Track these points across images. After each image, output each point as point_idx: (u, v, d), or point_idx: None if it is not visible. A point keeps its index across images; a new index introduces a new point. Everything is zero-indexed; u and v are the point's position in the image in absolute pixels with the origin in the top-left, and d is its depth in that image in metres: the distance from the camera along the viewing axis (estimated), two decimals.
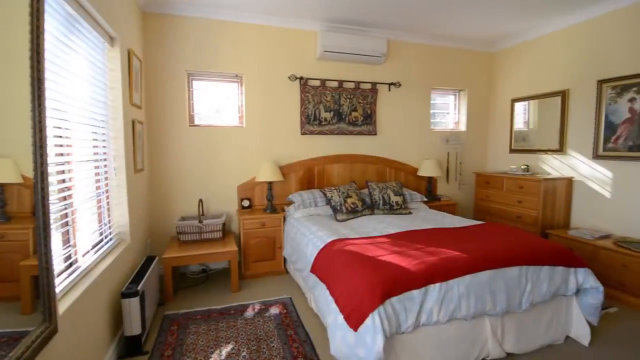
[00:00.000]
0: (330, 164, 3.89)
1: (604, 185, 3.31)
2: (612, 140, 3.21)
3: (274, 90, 3.65)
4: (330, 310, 1.87)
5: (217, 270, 3.51)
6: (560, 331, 2.21)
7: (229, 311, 2.63)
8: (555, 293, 2.13)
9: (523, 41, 4.12)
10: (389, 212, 3.42)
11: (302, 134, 3.77)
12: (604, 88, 3.27)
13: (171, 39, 3.27)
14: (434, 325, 1.85)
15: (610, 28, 3.21)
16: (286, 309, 2.66)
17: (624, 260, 2.77)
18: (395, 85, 4.11)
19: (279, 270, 3.38)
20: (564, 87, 3.66)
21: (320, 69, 3.80)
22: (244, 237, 3.23)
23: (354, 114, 3.95)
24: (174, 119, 3.34)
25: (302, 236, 2.82)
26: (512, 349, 2.05)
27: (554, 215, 3.55)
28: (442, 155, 4.49)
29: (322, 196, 3.44)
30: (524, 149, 4.16)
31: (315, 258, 2.36)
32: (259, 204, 3.63)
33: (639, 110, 3.00)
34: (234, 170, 3.57)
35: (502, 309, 1.97)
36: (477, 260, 1.98)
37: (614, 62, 3.19)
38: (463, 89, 4.56)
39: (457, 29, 3.90)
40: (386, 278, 1.77)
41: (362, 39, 3.72)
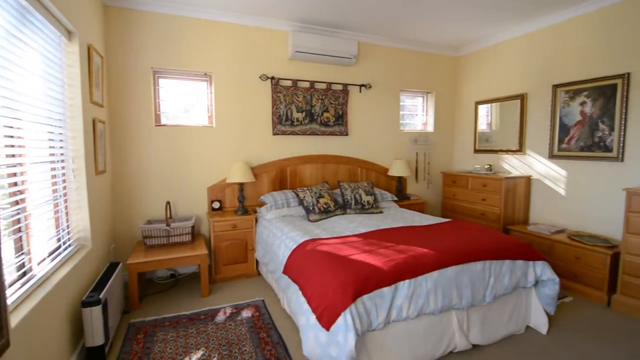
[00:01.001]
0: (302, 165, 3.89)
1: (558, 183, 3.55)
2: (566, 141, 3.44)
3: (244, 89, 3.60)
4: (302, 311, 1.87)
5: (186, 274, 3.41)
6: (521, 321, 2.34)
7: (199, 316, 2.56)
8: (516, 285, 2.25)
9: (485, 46, 4.32)
10: (361, 212, 3.47)
11: (274, 134, 3.74)
12: (558, 92, 3.50)
13: (135, 34, 3.14)
14: (403, 321, 1.90)
15: (564, 36, 3.44)
16: (259, 311, 2.63)
17: (577, 253, 2.98)
18: (366, 86, 4.18)
19: (251, 273, 3.33)
20: (522, 90, 3.88)
21: (292, 69, 3.79)
22: (214, 239, 3.15)
23: (325, 115, 3.97)
24: (139, 118, 3.21)
25: (275, 237, 2.80)
26: (478, 340, 2.15)
27: (514, 211, 3.75)
28: (411, 156, 4.62)
29: (294, 197, 3.43)
30: (487, 150, 4.36)
31: (288, 259, 2.35)
32: (230, 205, 3.57)
33: (589, 113, 3.23)
34: (204, 172, 3.48)
35: (468, 303, 2.05)
36: (444, 256, 2.05)
37: (567, 68, 3.42)
38: (430, 92, 4.71)
39: (424, 33, 4.02)
40: (357, 277, 1.79)
41: (334, 40, 3.75)
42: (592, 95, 3.20)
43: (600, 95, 3.14)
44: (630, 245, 2.60)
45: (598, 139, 3.17)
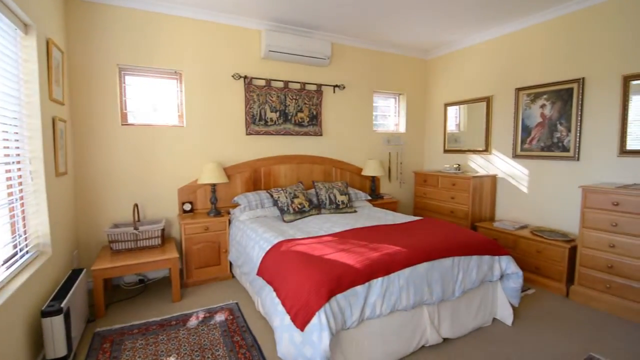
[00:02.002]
0: (277, 165, 3.86)
1: (521, 182, 3.74)
2: (528, 141, 3.63)
3: (216, 88, 3.52)
4: (277, 312, 1.86)
5: (156, 279, 3.29)
6: (488, 314, 2.44)
7: (169, 322, 2.48)
8: (483, 280, 2.35)
9: (454, 50, 4.48)
10: (335, 211, 3.49)
11: (247, 134, 3.69)
12: (520, 95, 3.68)
13: (100, 29, 2.99)
14: (377, 318, 1.93)
15: (526, 42, 3.63)
16: (232, 314, 2.58)
17: (539, 247, 3.15)
18: (339, 87, 4.21)
19: (224, 276, 3.27)
20: (488, 93, 4.05)
21: (266, 69, 3.76)
22: (185, 242, 3.07)
23: (300, 115, 3.97)
24: (103, 117, 3.06)
25: (249, 239, 2.76)
26: (448, 334, 2.22)
27: (481, 209, 3.91)
28: (385, 156, 4.70)
29: (268, 197, 3.40)
30: (456, 150, 4.52)
31: (262, 260, 2.33)
32: (202, 207, 3.48)
33: (548, 116, 3.43)
34: (174, 173, 3.38)
35: (438, 298, 2.12)
36: (416, 253, 2.11)
37: (529, 72, 3.61)
38: (402, 93, 4.82)
39: (396, 36, 4.11)
40: (331, 276, 1.80)
41: (307, 40, 3.75)
42: (551, 99, 3.39)
43: (559, 99, 3.33)
44: (586, 239, 2.78)
45: (557, 139, 3.37)
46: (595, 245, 2.72)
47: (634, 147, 2.83)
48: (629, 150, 2.85)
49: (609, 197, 2.63)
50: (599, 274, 2.71)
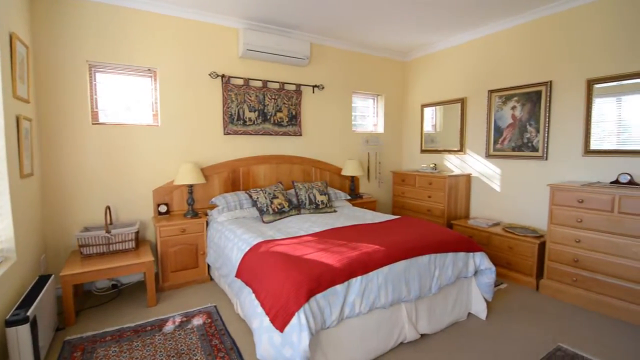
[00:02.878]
0: (256, 165, 3.82)
1: (494, 180, 3.87)
2: (500, 141, 3.77)
3: (193, 87, 3.45)
4: (256, 314, 1.84)
5: (130, 284, 3.19)
6: (463, 309, 2.51)
7: (144, 328, 2.41)
8: (458, 276, 2.41)
9: (431, 53, 4.58)
10: (315, 211, 3.50)
11: (225, 134, 3.63)
12: (493, 97, 3.82)
13: (69, 24, 2.86)
14: (356, 317, 1.95)
15: (498, 46, 3.76)
16: (211, 318, 2.54)
17: (510, 243, 3.27)
18: (319, 87, 4.22)
19: (202, 278, 3.20)
20: (463, 95, 4.17)
21: (244, 68, 3.71)
22: (161, 245, 2.98)
23: (279, 115, 3.94)
24: (72, 115, 2.93)
25: (227, 240, 2.72)
26: (425, 330, 2.27)
27: (457, 207, 4.03)
28: (364, 156, 4.75)
29: (247, 198, 3.36)
30: (433, 150, 4.63)
31: (241, 262, 2.30)
32: (179, 208, 3.40)
33: (519, 117, 3.57)
34: (149, 173, 3.28)
35: (416, 295, 2.16)
36: (394, 252, 2.14)
37: (501, 75, 3.75)
38: (380, 94, 4.89)
39: (375, 38, 4.16)
40: (311, 276, 1.81)
41: (286, 40, 3.74)
42: (522, 100, 3.54)
43: (528, 101, 3.48)
44: (554, 235, 2.92)
45: (527, 139, 3.51)
46: (562, 240, 2.86)
47: (597, 147, 2.99)
48: (592, 150, 3.02)
49: (574, 194, 2.77)
50: (566, 268, 2.85)
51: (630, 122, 2.79)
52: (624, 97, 2.82)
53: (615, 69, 2.85)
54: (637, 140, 2.76)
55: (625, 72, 2.79)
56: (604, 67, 2.92)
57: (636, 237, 2.45)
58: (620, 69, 2.82)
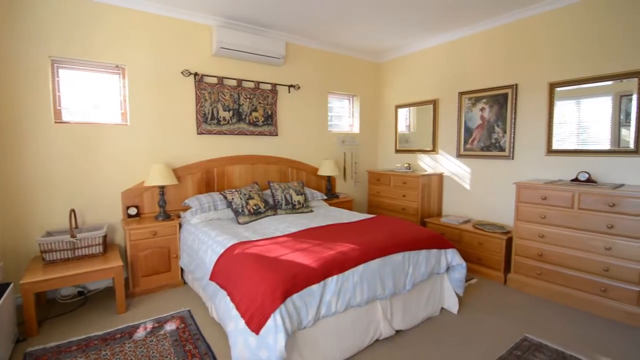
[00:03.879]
0: (230, 165, 3.76)
1: (465, 179, 4.01)
2: (470, 142, 3.91)
3: (164, 85, 3.34)
4: (231, 316, 1.81)
5: (98, 290, 3.05)
6: (436, 305, 2.59)
7: (114, 335, 2.31)
8: (431, 272, 2.48)
9: (403, 55, 4.68)
10: (292, 212, 3.49)
11: (198, 133, 3.55)
12: (463, 99, 3.95)
13: (28, 17, 2.69)
14: (332, 316, 1.96)
15: (468, 49, 3.90)
16: (184, 322, 2.47)
17: (480, 240, 3.40)
18: (294, 87, 4.21)
19: (175, 283, 3.11)
20: (435, 96, 4.29)
21: (217, 66, 3.64)
22: (131, 249, 2.87)
23: (254, 114, 3.90)
24: (33, 114, 2.76)
25: (201, 243, 2.66)
26: (400, 326, 2.32)
27: (430, 205, 4.14)
28: (340, 156, 4.79)
29: (222, 199, 3.30)
30: (407, 150, 4.73)
31: (215, 264, 2.26)
32: (150, 211, 3.28)
33: (487, 118, 3.72)
34: (117, 175, 3.14)
35: (390, 292, 2.20)
36: (368, 250, 2.17)
37: (470, 77, 3.88)
38: (356, 95, 4.94)
39: (349, 39, 4.20)
40: (287, 276, 1.80)
41: (261, 38, 3.70)
42: (490, 102, 3.68)
43: (496, 103, 3.63)
44: (520, 231, 3.06)
45: (494, 140, 3.66)
46: (527, 236, 3.01)
47: (558, 147, 3.16)
48: (554, 150, 3.19)
49: (538, 192, 2.91)
50: (531, 262, 3.00)
51: (589, 123, 2.97)
52: (583, 100, 3.00)
53: (575, 74, 3.03)
54: (594, 140, 2.95)
55: (584, 76, 2.96)
56: (565, 71, 3.09)
57: (594, 232, 2.62)
58: (579, 73, 3.00)
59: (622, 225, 2.47)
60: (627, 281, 2.48)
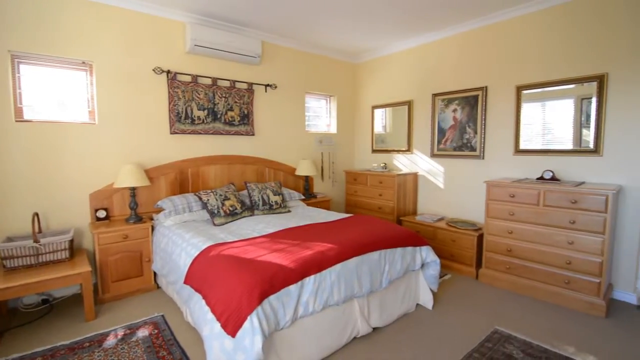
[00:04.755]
0: (206, 166, 3.68)
1: (438, 178, 4.12)
2: (443, 142, 4.02)
3: (134, 83, 3.22)
4: (206, 320, 1.77)
5: (65, 298, 2.90)
6: (412, 301, 2.64)
7: (82, 344, 2.20)
8: (406, 270, 2.53)
9: (380, 56, 4.75)
10: (269, 212, 3.46)
11: (171, 133, 3.45)
12: (436, 100, 4.06)
13: None
14: (310, 316, 1.96)
15: (441, 52, 4.01)
16: (157, 328, 2.39)
17: (453, 237, 3.51)
18: (271, 86, 4.17)
19: (148, 287, 3.01)
20: (409, 97, 4.39)
21: (191, 64, 3.55)
22: (100, 254, 2.75)
23: (230, 114, 3.83)
24: None
25: (175, 245, 2.59)
26: (377, 323, 2.35)
27: (405, 204, 4.23)
28: (317, 156, 4.80)
29: (197, 200, 3.23)
30: (383, 150, 4.81)
31: (190, 267, 2.20)
32: (120, 213, 3.16)
33: (459, 119, 3.84)
34: (84, 176, 3.00)
35: (367, 290, 2.23)
36: (346, 249, 2.19)
37: (444, 80, 3.99)
38: (333, 95, 4.97)
39: (326, 40, 4.22)
40: (263, 278, 1.78)
41: (237, 37, 3.64)
42: (461, 104, 3.80)
43: (467, 104, 3.75)
44: (490, 227, 3.18)
45: (466, 140, 3.79)
46: (497, 232, 3.13)
47: (525, 147, 3.31)
48: (521, 150, 3.34)
49: (506, 190, 3.04)
50: (501, 257, 3.12)
51: (553, 125, 3.13)
52: (548, 102, 3.16)
53: (540, 77, 3.18)
54: (558, 141, 3.11)
55: (548, 80, 3.12)
56: (531, 75, 3.24)
57: (558, 227, 2.76)
58: (544, 77, 3.15)
59: (583, 220, 2.62)
60: (588, 273, 2.63)
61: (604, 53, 2.82)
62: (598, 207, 2.55)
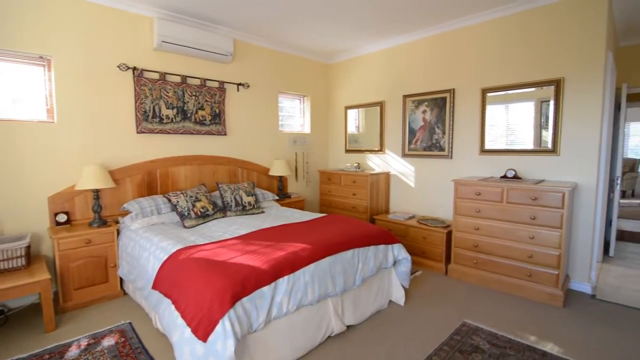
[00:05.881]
0: (175, 166, 3.57)
1: (410, 177, 4.23)
2: (413, 142, 4.13)
3: (97, 79, 3.07)
4: (176, 326, 1.72)
5: (22, 308, 2.71)
6: (384, 298, 2.69)
7: (41, 357, 2.07)
8: (379, 267, 2.58)
9: (353, 57, 4.80)
10: (242, 213, 3.41)
11: (138, 132, 3.31)
12: (407, 101, 4.16)
13: None
14: (284, 317, 1.95)
15: (412, 54, 4.11)
16: (124, 336, 2.29)
17: (424, 234, 3.61)
18: (244, 85, 4.11)
19: (114, 294, 2.88)
20: (381, 98, 4.47)
21: (159, 61, 3.43)
22: (60, 260, 2.60)
23: (201, 113, 3.74)
24: None
25: (142, 249, 2.49)
26: (351, 321, 2.38)
27: (378, 203, 4.30)
28: (291, 156, 4.78)
29: (166, 202, 3.12)
30: (356, 150, 4.87)
31: (158, 272, 2.13)
32: (83, 217, 3.00)
33: (429, 120, 3.95)
34: (42, 178, 2.82)
35: (341, 289, 2.25)
36: (319, 249, 2.20)
37: (414, 81, 4.10)
38: (306, 95, 4.97)
39: (299, 39, 4.21)
40: (235, 280, 1.75)
41: (208, 34, 3.56)
42: (431, 105, 3.92)
43: (436, 106, 3.87)
44: (458, 224, 3.30)
45: (435, 140, 3.91)
46: (464, 228, 3.25)
47: (490, 147, 3.47)
48: (486, 150, 3.49)
49: (473, 188, 3.17)
50: (468, 253, 3.25)
51: (516, 126, 3.30)
52: (511, 105, 3.32)
53: (504, 80, 3.34)
54: (520, 141, 3.27)
55: (511, 83, 3.28)
56: (495, 78, 3.40)
57: (520, 223, 2.91)
58: (507, 80, 3.31)
59: (542, 216, 2.78)
60: (547, 266, 2.79)
61: (560, 59, 3.01)
62: (556, 204, 2.71)
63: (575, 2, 2.90)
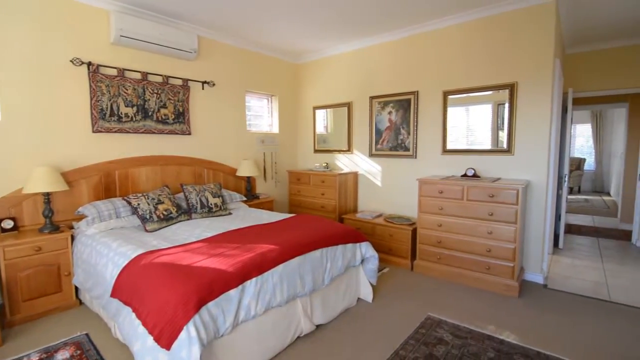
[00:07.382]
0: (135, 167, 3.40)
1: (377, 177, 4.32)
2: (380, 142, 4.22)
3: (48, 74, 2.85)
4: (137, 335, 1.64)
5: None
6: (353, 296, 2.74)
7: None
8: (347, 266, 2.62)
9: (321, 57, 4.82)
10: (208, 215, 3.32)
11: (94, 131, 3.12)
12: (374, 102, 4.24)
13: None
14: (252, 320, 1.92)
15: (376, 56, 4.20)
16: (81, 348, 2.16)
17: (390, 232, 3.71)
18: (209, 84, 4.00)
19: (68, 304, 2.69)
20: (349, 99, 4.53)
21: (117, 56, 3.25)
22: (6, 270, 2.39)
23: (163, 111, 3.59)
24: None
25: (100, 256, 2.35)
26: (320, 320, 2.39)
27: (347, 202, 4.36)
28: (259, 156, 4.72)
29: (125, 205, 2.97)
30: (325, 150, 4.90)
31: (117, 279, 2.02)
32: (32, 223, 2.78)
33: (394, 121, 4.06)
34: None
35: (310, 289, 2.26)
36: (288, 249, 2.19)
37: (379, 83, 4.19)
38: (275, 94, 4.92)
39: (266, 38, 4.16)
40: (200, 284, 1.70)
41: (170, 30, 3.42)
42: (396, 107, 4.03)
43: (401, 107, 3.98)
44: (423, 221, 3.42)
45: (400, 141, 4.02)
46: (428, 225, 3.38)
47: (452, 147, 3.62)
48: (448, 150, 3.64)
49: (436, 186, 3.29)
50: (432, 249, 3.38)
51: (475, 127, 3.47)
52: (471, 107, 3.49)
53: (464, 84, 3.50)
54: (479, 141, 3.45)
55: (470, 86, 3.45)
56: (456, 81, 3.55)
57: (479, 219, 3.06)
58: (467, 83, 3.47)
59: (499, 212, 2.95)
60: (504, 259, 2.96)
61: (514, 64, 3.20)
62: (511, 200, 2.89)
63: (528, 11, 3.09)
